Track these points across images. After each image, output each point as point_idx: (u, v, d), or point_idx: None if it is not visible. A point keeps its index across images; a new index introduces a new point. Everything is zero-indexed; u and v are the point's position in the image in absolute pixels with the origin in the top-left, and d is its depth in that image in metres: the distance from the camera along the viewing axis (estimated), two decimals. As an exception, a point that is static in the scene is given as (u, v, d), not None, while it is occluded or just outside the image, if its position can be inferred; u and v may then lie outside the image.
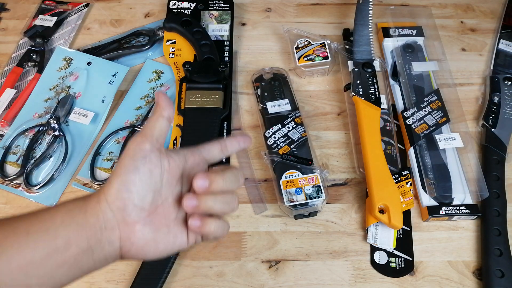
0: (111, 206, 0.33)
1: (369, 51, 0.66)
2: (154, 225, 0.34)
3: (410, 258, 0.54)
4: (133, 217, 0.33)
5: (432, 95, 0.63)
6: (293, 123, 0.59)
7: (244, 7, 0.76)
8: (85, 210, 0.33)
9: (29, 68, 0.69)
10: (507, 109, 0.63)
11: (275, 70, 0.65)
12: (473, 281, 0.53)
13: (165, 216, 0.35)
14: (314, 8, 0.77)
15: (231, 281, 0.53)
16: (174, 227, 0.36)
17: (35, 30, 0.73)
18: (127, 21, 0.75)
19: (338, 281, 0.53)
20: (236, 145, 0.40)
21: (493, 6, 0.76)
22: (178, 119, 0.63)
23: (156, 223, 0.34)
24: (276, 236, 0.55)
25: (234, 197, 0.37)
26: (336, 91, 0.67)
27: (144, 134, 0.35)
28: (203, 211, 0.35)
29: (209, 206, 0.35)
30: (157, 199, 0.34)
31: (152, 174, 0.34)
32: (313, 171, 0.55)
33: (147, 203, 0.34)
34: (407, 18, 0.72)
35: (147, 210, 0.34)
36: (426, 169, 0.58)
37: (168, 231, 0.35)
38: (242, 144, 0.40)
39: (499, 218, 0.55)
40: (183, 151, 0.37)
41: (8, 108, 0.65)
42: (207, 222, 0.35)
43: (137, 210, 0.33)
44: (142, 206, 0.33)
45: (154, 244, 0.34)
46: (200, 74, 0.63)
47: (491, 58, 0.69)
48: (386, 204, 0.53)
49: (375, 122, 0.59)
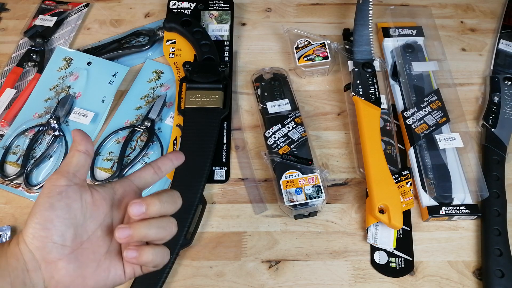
0: (30, 246, 0.32)
1: (369, 51, 0.66)
2: (80, 261, 0.33)
3: (410, 258, 0.54)
4: (54, 255, 0.32)
5: (432, 95, 0.63)
6: (293, 123, 0.59)
7: (244, 7, 0.76)
8: (6, 253, 0.32)
9: (29, 68, 0.69)
10: (507, 109, 0.63)
11: (275, 70, 0.65)
12: (473, 281, 0.53)
13: (93, 251, 0.34)
14: (314, 8, 0.77)
15: (231, 281, 0.53)
16: (105, 261, 0.34)
17: (35, 30, 0.73)
18: (127, 21, 0.75)
19: (338, 281, 0.53)
20: (170, 164, 0.39)
21: (493, 6, 0.76)
22: (178, 119, 0.63)
23: (82, 259, 0.33)
24: (276, 236, 0.55)
25: (170, 220, 0.35)
26: (336, 91, 0.67)
27: (59, 171, 0.34)
28: (138, 239, 0.33)
29: (143, 234, 0.33)
30: (81, 234, 0.34)
31: (70, 209, 0.33)
32: (313, 171, 0.55)
33: (68, 239, 0.33)
34: (407, 18, 0.72)
35: (69, 247, 0.33)
36: (426, 169, 0.58)
37: (97, 266, 0.34)
38: (175, 162, 0.39)
39: (499, 218, 0.55)
40: (110, 183, 0.37)
41: (8, 108, 0.65)
42: (144, 251, 0.33)
43: (57, 247, 0.32)
44: (62, 243, 0.32)
45: (82, 281, 0.33)
46: (200, 74, 0.63)
47: (491, 58, 0.69)
48: (386, 204, 0.53)
49: (375, 122, 0.59)
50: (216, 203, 0.58)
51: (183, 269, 0.53)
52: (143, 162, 0.60)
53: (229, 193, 0.59)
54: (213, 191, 0.59)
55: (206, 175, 0.57)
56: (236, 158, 0.61)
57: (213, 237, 0.55)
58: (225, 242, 0.55)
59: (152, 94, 0.66)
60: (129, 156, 0.61)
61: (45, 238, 0.32)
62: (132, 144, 0.62)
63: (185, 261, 0.54)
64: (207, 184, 0.58)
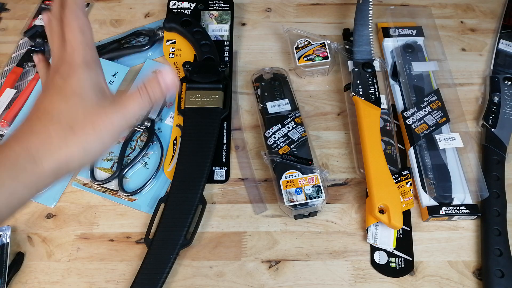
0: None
1: (369, 51, 0.66)
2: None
3: (410, 258, 0.54)
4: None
5: (432, 95, 0.63)
6: (293, 123, 0.59)
7: (244, 7, 0.76)
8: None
9: (29, 68, 0.69)
10: (507, 109, 0.63)
11: (275, 70, 0.65)
12: (473, 281, 0.53)
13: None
14: (314, 8, 0.77)
15: (231, 281, 0.53)
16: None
17: (35, 30, 0.73)
18: (127, 21, 0.75)
19: (338, 281, 0.53)
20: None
21: (493, 6, 0.76)
22: (178, 119, 0.63)
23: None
24: (276, 236, 0.55)
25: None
26: (336, 91, 0.67)
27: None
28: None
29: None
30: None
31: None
32: (313, 171, 0.55)
33: None
34: (407, 18, 0.72)
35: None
36: (426, 169, 0.58)
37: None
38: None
39: (499, 218, 0.55)
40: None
41: (8, 108, 0.65)
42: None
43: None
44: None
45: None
46: (200, 74, 0.63)
47: (491, 58, 0.69)
48: (386, 204, 0.53)
49: (375, 122, 0.59)
50: (216, 203, 0.58)
51: (183, 269, 0.53)
52: (143, 162, 0.60)
53: (229, 193, 0.59)
54: (213, 191, 0.59)
55: (206, 175, 0.57)
56: (236, 158, 0.61)
57: (213, 237, 0.56)
58: (225, 242, 0.55)
59: (152, 94, 0.66)
60: (129, 156, 0.61)
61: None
62: (132, 144, 0.62)
63: (185, 261, 0.54)
64: (207, 184, 0.58)
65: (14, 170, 0.31)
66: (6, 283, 0.51)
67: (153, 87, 0.35)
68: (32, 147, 0.32)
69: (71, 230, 0.56)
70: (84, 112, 0.34)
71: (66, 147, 0.33)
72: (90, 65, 0.36)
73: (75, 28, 0.36)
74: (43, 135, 0.33)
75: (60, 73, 0.35)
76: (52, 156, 0.32)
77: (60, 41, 0.37)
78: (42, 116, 0.34)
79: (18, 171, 0.31)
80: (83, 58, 0.36)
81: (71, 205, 0.58)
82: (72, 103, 0.34)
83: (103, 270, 0.53)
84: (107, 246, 0.55)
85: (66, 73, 0.35)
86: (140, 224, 0.56)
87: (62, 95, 0.34)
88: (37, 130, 0.33)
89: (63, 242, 0.55)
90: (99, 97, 0.35)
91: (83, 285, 0.52)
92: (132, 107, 0.35)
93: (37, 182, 0.32)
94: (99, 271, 0.53)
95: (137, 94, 0.35)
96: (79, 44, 0.36)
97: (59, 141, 0.33)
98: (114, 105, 0.35)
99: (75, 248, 0.55)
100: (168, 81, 0.36)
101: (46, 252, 0.54)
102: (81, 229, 0.56)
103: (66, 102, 0.34)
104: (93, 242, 0.55)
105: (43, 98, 0.35)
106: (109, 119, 0.34)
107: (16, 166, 0.31)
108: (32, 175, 0.32)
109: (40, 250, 0.54)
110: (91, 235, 0.56)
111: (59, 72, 0.35)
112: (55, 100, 0.34)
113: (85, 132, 0.33)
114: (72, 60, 0.35)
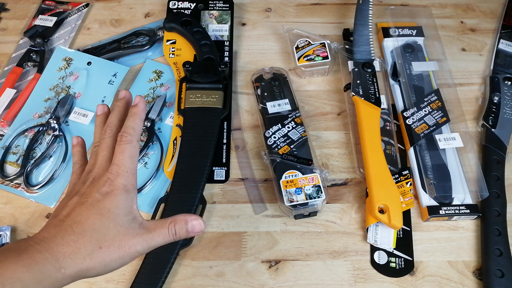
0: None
1: (369, 51, 0.66)
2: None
3: (410, 258, 0.54)
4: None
5: (432, 95, 0.63)
6: (293, 123, 0.59)
7: (244, 7, 0.76)
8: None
9: (29, 68, 0.69)
10: (507, 109, 0.63)
11: (275, 70, 0.65)
12: (473, 281, 0.53)
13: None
14: (314, 8, 0.77)
15: (231, 281, 0.53)
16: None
17: (35, 30, 0.73)
18: (127, 21, 0.75)
19: (338, 281, 0.53)
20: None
21: (493, 6, 0.76)
22: (178, 119, 0.63)
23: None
24: (276, 236, 0.55)
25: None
26: (336, 91, 0.67)
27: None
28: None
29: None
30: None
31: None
32: (313, 171, 0.55)
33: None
34: (407, 18, 0.72)
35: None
36: (426, 169, 0.58)
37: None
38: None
39: (499, 218, 0.55)
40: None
41: (8, 108, 0.65)
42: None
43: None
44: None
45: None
46: (200, 74, 0.63)
47: (491, 58, 0.69)
48: (386, 204, 0.53)
49: (375, 122, 0.59)
50: (216, 203, 0.58)
51: (183, 269, 0.53)
52: (143, 162, 0.60)
53: (229, 193, 0.59)
54: (213, 191, 0.59)
55: (206, 175, 0.57)
56: (236, 158, 0.61)
57: (213, 237, 0.55)
58: (225, 242, 0.55)
59: (152, 94, 0.66)
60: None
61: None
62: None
63: (185, 261, 0.54)
64: (207, 184, 0.58)
65: (40, 274, 0.33)
66: (6, 283, 0.51)
67: (181, 229, 0.39)
68: (60, 255, 0.34)
69: (71, 230, 0.56)
70: (114, 232, 0.36)
71: (90, 260, 0.35)
72: (128, 190, 0.38)
73: (127, 154, 0.39)
74: (72, 246, 0.35)
75: (100, 189, 0.37)
76: (76, 266, 0.34)
77: (107, 153, 0.40)
78: (74, 225, 0.36)
79: (43, 276, 0.33)
80: (125, 184, 0.38)
81: (71, 205, 0.58)
82: (105, 221, 0.36)
83: (103, 270, 0.53)
84: (107, 246, 0.55)
85: (106, 192, 0.37)
86: (140, 224, 0.56)
87: (98, 211, 0.36)
88: (68, 239, 0.35)
89: (63, 242, 0.55)
90: (130, 221, 0.37)
91: (83, 285, 0.52)
92: (158, 238, 0.38)
93: (56, 285, 0.34)
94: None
95: (166, 229, 0.38)
96: (125, 170, 0.38)
97: (86, 253, 0.35)
98: (142, 231, 0.37)
99: (75, 248, 0.54)
100: (196, 229, 0.39)
101: (46, 252, 0.54)
102: (81, 229, 0.56)
103: (100, 219, 0.36)
104: (93, 242, 0.55)
105: (78, 207, 0.37)
106: (134, 244, 0.37)
107: (43, 271, 0.33)
108: (54, 279, 0.34)
109: (40, 250, 0.54)
110: (91, 235, 0.55)
111: (100, 188, 0.37)
112: (90, 214, 0.36)
113: (110, 250, 0.36)
114: (114, 182, 0.38)
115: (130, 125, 0.40)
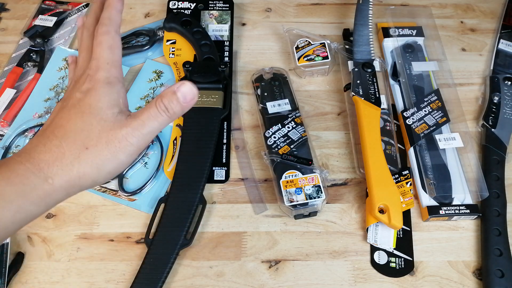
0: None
1: (369, 51, 0.66)
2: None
3: (410, 258, 0.54)
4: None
5: (432, 95, 0.63)
6: (293, 123, 0.59)
7: (244, 7, 0.76)
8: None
9: (29, 68, 0.69)
10: (507, 109, 0.63)
11: (275, 70, 0.65)
12: (473, 281, 0.53)
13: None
14: (314, 8, 0.77)
15: (231, 281, 0.53)
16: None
17: (35, 30, 0.73)
18: (127, 21, 0.75)
19: (338, 281, 0.53)
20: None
21: (493, 6, 0.76)
22: (178, 119, 0.63)
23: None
24: (276, 236, 0.55)
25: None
26: (336, 91, 0.67)
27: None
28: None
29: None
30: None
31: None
32: (313, 171, 0.55)
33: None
34: (407, 18, 0.72)
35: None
36: (426, 169, 0.58)
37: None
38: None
39: (499, 218, 0.55)
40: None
41: (8, 108, 0.65)
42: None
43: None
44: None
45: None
46: (200, 74, 0.63)
47: (491, 58, 0.69)
48: (386, 204, 0.53)
49: (375, 122, 0.59)
50: (216, 203, 0.58)
51: (183, 269, 0.53)
52: (143, 162, 0.60)
53: (229, 193, 0.59)
54: (213, 191, 0.59)
55: (206, 175, 0.57)
56: (236, 158, 0.61)
57: (213, 237, 0.55)
58: (225, 242, 0.55)
59: (152, 94, 0.66)
60: (129, 156, 0.61)
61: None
62: (132, 144, 0.62)
63: (185, 261, 0.54)
64: (207, 184, 0.58)
65: (23, 186, 0.30)
66: (6, 283, 0.51)
67: (171, 101, 0.34)
68: (43, 163, 0.31)
69: (71, 230, 0.56)
70: (98, 128, 0.33)
71: (79, 164, 0.32)
72: (112, 83, 0.35)
73: (105, 45, 0.36)
74: (56, 152, 0.32)
75: (80, 88, 0.35)
76: (64, 173, 0.32)
77: (87, 54, 0.37)
78: (56, 130, 0.33)
79: (26, 188, 0.30)
80: (106, 77, 0.35)
81: (71, 205, 0.58)
82: (87, 119, 0.33)
83: (103, 270, 0.53)
84: (107, 246, 0.55)
85: (86, 89, 0.34)
86: (140, 224, 0.56)
87: (79, 110, 0.34)
88: (50, 145, 0.32)
89: (63, 242, 0.55)
90: (116, 114, 0.34)
91: (83, 285, 0.52)
92: (149, 122, 0.34)
93: (47, 199, 0.32)
94: (99, 271, 0.53)
95: (154, 109, 0.34)
96: (105, 62, 0.35)
97: (72, 157, 0.32)
98: (130, 120, 0.34)
99: (75, 248, 0.55)
100: (188, 96, 0.34)
101: (46, 252, 0.54)
102: (81, 229, 0.56)
103: (81, 118, 0.33)
104: (93, 242, 0.55)
105: (60, 111, 0.35)
106: (123, 136, 0.33)
107: (25, 183, 0.30)
108: (42, 192, 0.31)
109: (40, 250, 0.54)
110: (91, 235, 0.56)
111: (80, 86, 0.35)
112: (71, 115, 0.34)
113: (98, 149, 0.32)
114: (94, 77, 0.35)
115: (106, 15, 0.37)
